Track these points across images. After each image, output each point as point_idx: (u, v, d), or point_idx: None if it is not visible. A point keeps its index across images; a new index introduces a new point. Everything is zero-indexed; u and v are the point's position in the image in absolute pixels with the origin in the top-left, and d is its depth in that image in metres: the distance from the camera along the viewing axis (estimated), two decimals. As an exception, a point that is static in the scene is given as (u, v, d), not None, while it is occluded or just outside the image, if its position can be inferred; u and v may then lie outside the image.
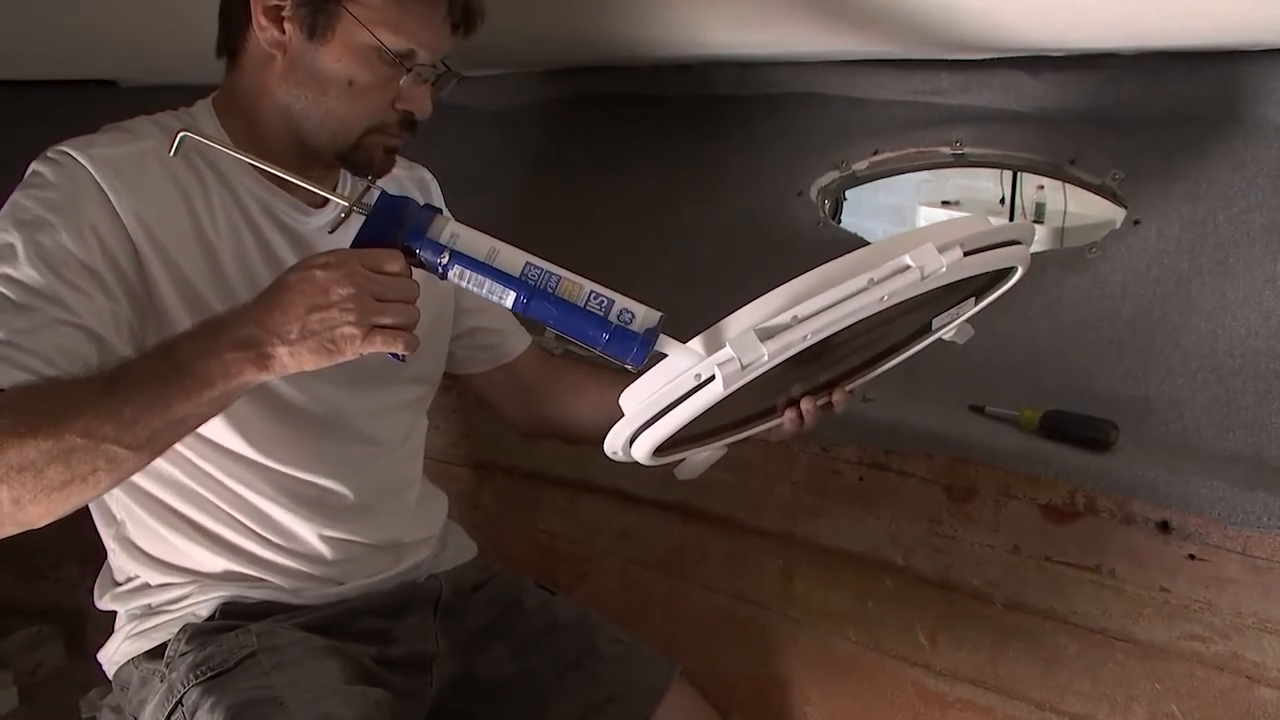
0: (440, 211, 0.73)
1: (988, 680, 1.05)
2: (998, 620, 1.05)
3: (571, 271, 0.72)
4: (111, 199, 0.81)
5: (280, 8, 0.84)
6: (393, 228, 0.72)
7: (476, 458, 1.48)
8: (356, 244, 0.72)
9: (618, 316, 0.70)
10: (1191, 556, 0.95)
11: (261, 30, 0.85)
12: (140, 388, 0.69)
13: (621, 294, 0.71)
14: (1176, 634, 0.96)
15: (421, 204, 0.74)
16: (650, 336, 0.69)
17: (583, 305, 0.70)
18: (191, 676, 0.87)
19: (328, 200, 0.94)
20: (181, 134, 0.74)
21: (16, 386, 0.70)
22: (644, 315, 0.70)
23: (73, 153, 0.82)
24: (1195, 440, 1.06)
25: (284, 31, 0.85)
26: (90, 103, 1.91)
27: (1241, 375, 1.07)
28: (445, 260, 0.71)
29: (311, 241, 0.93)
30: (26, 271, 0.75)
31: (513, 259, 0.71)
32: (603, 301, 0.70)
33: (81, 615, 1.68)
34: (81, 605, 1.24)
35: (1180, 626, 0.96)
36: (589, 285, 0.71)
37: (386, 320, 0.69)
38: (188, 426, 0.73)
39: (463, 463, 1.49)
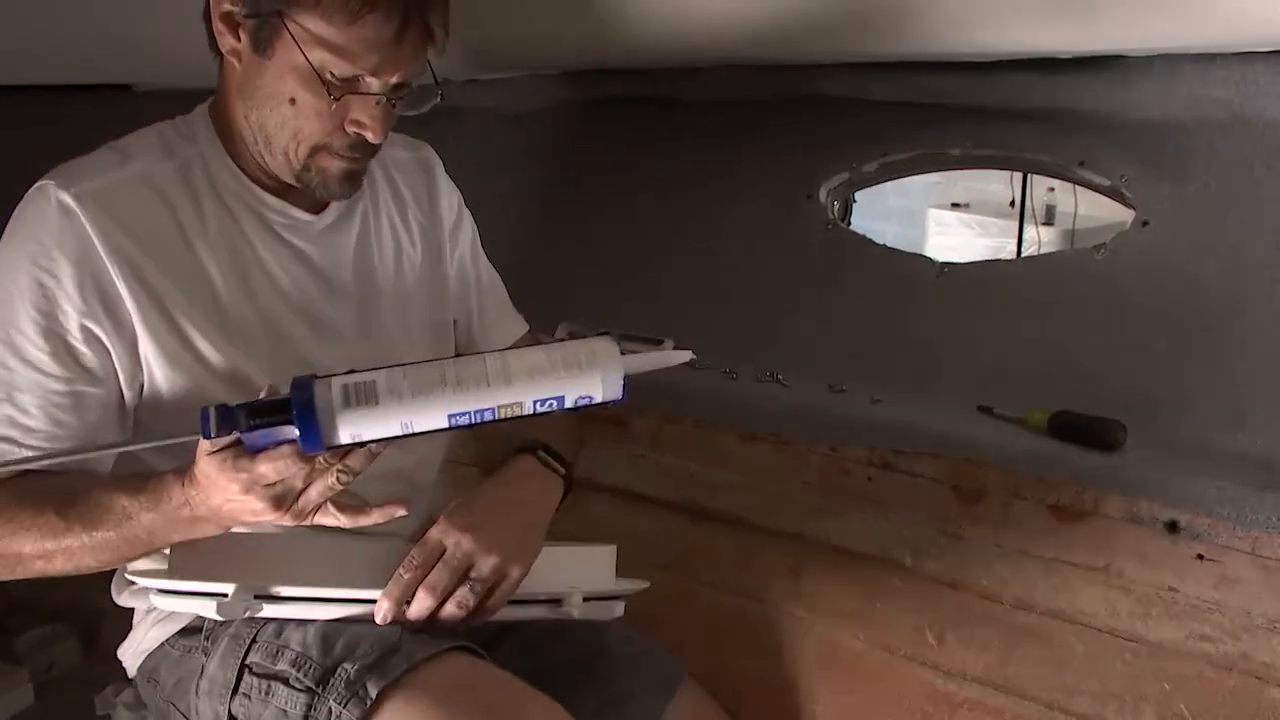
0: (315, 418, 0.64)
1: (996, 680, 1.05)
2: (1006, 620, 1.05)
3: (510, 357, 0.66)
4: (98, 244, 0.81)
5: (233, 13, 0.81)
6: (281, 440, 0.66)
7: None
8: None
9: (575, 403, 0.66)
10: (1200, 557, 0.95)
11: (220, 36, 0.83)
12: (107, 546, 0.78)
13: (572, 370, 0.66)
14: (1185, 634, 0.96)
15: (295, 415, 0.64)
16: (617, 400, 0.67)
17: (534, 414, 0.66)
18: (255, 623, 0.86)
19: (328, 203, 0.94)
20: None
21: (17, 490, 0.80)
22: (603, 387, 0.66)
23: (65, 198, 0.81)
24: (1204, 441, 1.06)
25: (239, 39, 0.82)
26: (106, 107, 1.93)
27: (1251, 376, 1.07)
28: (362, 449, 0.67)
29: (309, 250, 0.93)
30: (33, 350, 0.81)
31: (431, 418, 0.65)
32: (551, 403, 0.66)
33: (97, 614, 1.70)
34: (97, 605, 1.25)
35: (1189, 626, 0.96)
36: (530, 396, 0.65)
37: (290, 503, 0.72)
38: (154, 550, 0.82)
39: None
